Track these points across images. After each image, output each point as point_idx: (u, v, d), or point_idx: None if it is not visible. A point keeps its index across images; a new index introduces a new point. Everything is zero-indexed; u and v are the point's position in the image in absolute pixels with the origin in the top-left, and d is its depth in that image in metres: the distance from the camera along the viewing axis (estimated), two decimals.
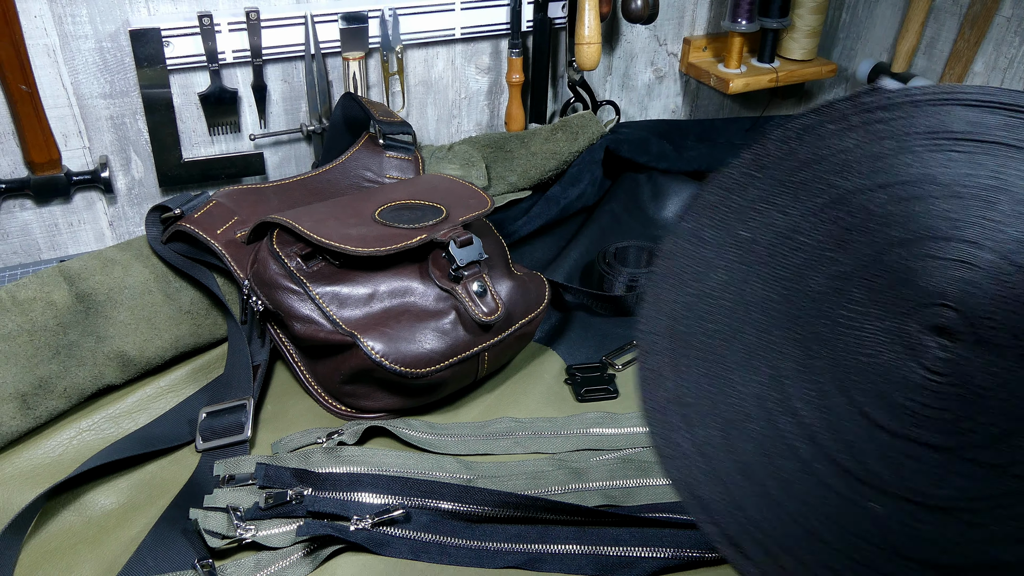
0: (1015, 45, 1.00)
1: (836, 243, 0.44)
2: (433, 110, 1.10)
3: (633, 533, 0.58)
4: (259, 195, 0.83)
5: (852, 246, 0.43)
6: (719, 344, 0.44)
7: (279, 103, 0.99)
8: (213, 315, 0.77)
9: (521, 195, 0.97)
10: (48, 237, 0.95)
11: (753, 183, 0.47)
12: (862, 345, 0.42)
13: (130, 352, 0.72)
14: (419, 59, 1.05)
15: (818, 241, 0.44)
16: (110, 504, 0.62)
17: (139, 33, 0.86)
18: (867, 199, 0.44)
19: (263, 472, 0.62)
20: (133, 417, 0.70)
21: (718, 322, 0.45)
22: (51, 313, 0.69)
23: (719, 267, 0.46)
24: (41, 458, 0.66)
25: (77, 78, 0.88)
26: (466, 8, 1.02)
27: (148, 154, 0.95)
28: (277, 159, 1.03)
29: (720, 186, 0.47)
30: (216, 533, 0.57)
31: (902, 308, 0.41)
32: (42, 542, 0.59)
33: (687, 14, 1.20)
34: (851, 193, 0.44)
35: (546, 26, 1.06)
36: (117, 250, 0.77)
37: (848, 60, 1.27)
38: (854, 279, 0.43)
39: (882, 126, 0.45)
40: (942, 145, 0.43)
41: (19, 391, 0.66)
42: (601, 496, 0.63)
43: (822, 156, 0.46)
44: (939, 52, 1.10)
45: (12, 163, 0.89)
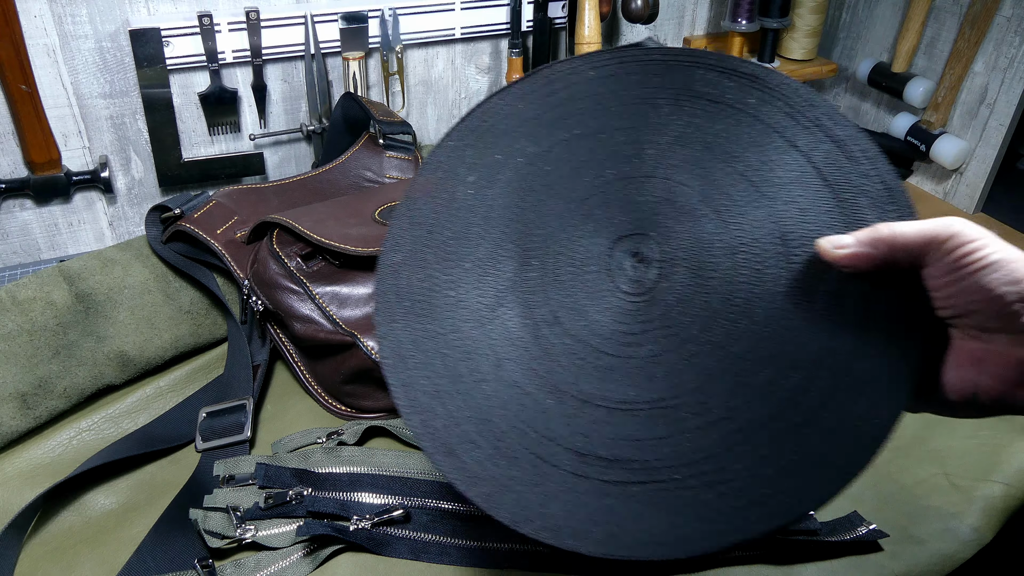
0: (1015, 45, 1.00)
1: (574, 172, 0.49)
2: (433, 110, 1.10)
3: None
4: (259, 195, 0.83)
5: (586, 177, 0.49)
6: (456, 250, 0.49)
7: (279, 103, 0.99)
8: (213, 315, 0.77)
9: None
10: (48, 237, 0.95)
11: (516, 113, 0.51)
12: (572, 262, 0.47)
13: (130, 352, 0.72)
14: (419, 59, 1.05)
15: (560, 168, 0.49)
16: (110, 504, 0.62)
17: (139, 33, 0.86)
18: (608, 137, 0.49)
19: (263, 472, 0.62)
20: (133, 417, 0.70)
21: (458, 232, 0.49)
22: (51, 313, 0.69)
23: (470, 183, 0.50)
24: (41, 458, 0.66)
25: (77, 78, 0.88)
26: (466, 8, 1.02)
27: (148, 154, 0.95)
28: (277, 159, 1.03)
29: (487, 111, 0.52)
30: (216, 533, 0.57)
31: (612, 234, 0.47)
32: (42, 542, 0.59)
33: (687, 14, 1.20)
34: (597, 131, 0.50)
35: (546, 26, 1.06)
36: (117, 250, 0.77)
37: (848, 60, 1.27)
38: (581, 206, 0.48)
39: (635, 78, 0.50)
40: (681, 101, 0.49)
41: (19, 391, 0.66)
42: None
43: (579, 96, 0.51)
44: (939, 52, 1.10)
45: (12, 163, 0.89)
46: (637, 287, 0.46)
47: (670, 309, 0.45)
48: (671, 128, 0.49)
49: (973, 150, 1.08)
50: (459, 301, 0.48)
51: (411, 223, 0.50)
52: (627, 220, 0.47)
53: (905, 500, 0.62)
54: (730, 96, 0.48)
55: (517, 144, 0.51)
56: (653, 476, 0.41)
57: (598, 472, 0.42)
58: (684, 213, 0.46)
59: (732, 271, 0.44)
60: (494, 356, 0.46)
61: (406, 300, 0.48)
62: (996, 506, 0.61)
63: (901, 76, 1.13)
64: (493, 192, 0.50)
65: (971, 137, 1.08)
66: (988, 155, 1.06)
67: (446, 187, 0.50)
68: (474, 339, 0.46)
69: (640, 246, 0.46)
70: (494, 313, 0.47)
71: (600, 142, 0.50)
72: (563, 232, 0.48)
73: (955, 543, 0.59)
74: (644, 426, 0.42)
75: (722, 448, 0.41)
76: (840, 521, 0.60)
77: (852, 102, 1.29)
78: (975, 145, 1.08)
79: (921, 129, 1.12)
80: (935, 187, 1.15)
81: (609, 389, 0.44)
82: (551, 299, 0.47)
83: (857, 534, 0.58)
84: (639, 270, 0.46)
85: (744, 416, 0.41)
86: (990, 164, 1.06)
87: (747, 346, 0.43)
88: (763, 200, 0.45)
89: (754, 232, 0.45)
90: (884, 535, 0.58)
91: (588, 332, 0.46)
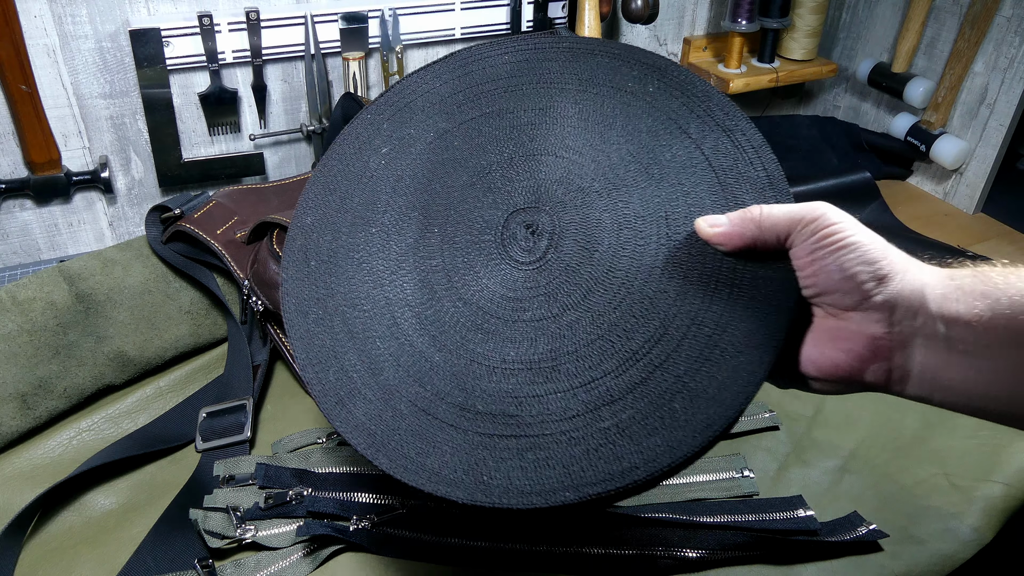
0: (1015, 45, 1.00)
1: (479, 147, 0.52)
2: None
3: (635, 533, 0.58)
4: (259, 195, 0.83)
5: (491, 153, 0.52)
6: (363, 215, 0.52)
7: (279, 103, 0.99)
8: (213, 315, 0.77)
9: None
10: (48, 237, 0.95)
11: (432, 91, 0.55)
12: (469, 231, 0.50)
13: (130, 352, 0.72)
14: (419, 59, 1.05)
15: (467, 144, 0.53)
16: (110, 504, 0.62)
17: (139, 33, 0.86)
18: (515, 117, 0.53)
19: (263, 472, 0.62)
20: (133, 417, 0.70)
21: (367, 199, 0.52)
22: (51, 313, 0.69)
23: (383, 154, 0.53)
24: (41, 458, 0.66)
25: (77, 78, 0.88)
26: (466, 8, 1.02)
27: (148, 154, 0.95)
28: (277, 159, 1.03)
29: (404, 87, 0.55)
30: (216, 533, 0.57)
31: (510, 206, 0.50)
32: (42, 542, 0.59)
33: (687, 14, 1.20)
34: (505, 111, 0.53)
35: (546, 26, 1.06)
36: (117, 250, 0.77)
37: (848, 60, 1.27)
38: (483, 179, 0.51)
39: (546, 64, 0.54)
40: (586, 87, 0.52)
41: (19, 391, 0.66)
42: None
43: (492, 78, 0.54)
44: (939, 52, 1.10)
45: (12, 163, 0.89)
46: (527, 256, 0.48)
47: (556, 278, 0.47)
48: (574, 111, 0.52)
49: (973, 150, 1.08)
50: (362, 263, 0.50)
51: (324, 188, 0.53)
52: (524, 194, 0.50)
53: (905, 500, 0.62)
54: (631, 84, 0.51)
55: (430, 120, 0.54)
56: (524, 431, 0.44)
57: (475, 426, 0.45)
58: (577, 190, 0.49)
59: (617, 246, 0.47)
60: (390, 315, 0.49)
61: (312, 260, 0.51)
62: (996, 506, 0.61)
63: (901, 76, 1.13)
64: (403, 163, 0.53)
65: (971, 137, 1.08)
66: (988, 155, 1.06)
67: (360, 157, 0.53)
68: (373, 299, 0.49)
69: (534, 218, 0.49)
70: (393, 276, 0.50)
71: (507, 121, 0.52)
72: (464, 203, 0.51)
73: (955, 543, 0.59)
74: (521, 385, 0.45)
75: (590, 408, 0.43)
76: (840, 521, 0.60)
77: (852, 102, 1.29)
78: (975, 145, 1.08)
79: (921, 129, 1.12)
80: (935, 187, 1.15)
81: (492, 349, 0.47)
82: (447, 264, 0.50)
83: (857, 534, 0.58)
84: (530, 241, 0.48)
85: (613, 380, 0.44)
86: (990, 164, 1.06)
87: (622, 315, 0.45)
88: (651, 182, 0.48)
89: (640, 211, 0.48)
90: (884, 535, 0.58)
91: (479, 296, 0.48)
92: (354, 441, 0.45)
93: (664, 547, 0.57)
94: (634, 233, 0.47)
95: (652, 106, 0.50)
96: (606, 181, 0.49)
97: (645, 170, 0.49)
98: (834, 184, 1.09)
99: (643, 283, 0.46)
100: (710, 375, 0.43)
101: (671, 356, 0.44)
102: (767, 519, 0.59)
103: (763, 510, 0.60)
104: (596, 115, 0.51)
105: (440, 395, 0.46)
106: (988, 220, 1.08)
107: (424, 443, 0.45)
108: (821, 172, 1.13)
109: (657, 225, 0.47)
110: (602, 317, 0.46)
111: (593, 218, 0.48)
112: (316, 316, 0.49)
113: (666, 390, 0.43)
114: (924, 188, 1.17)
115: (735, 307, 0.43)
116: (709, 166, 0.47)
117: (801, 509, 0.60)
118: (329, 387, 0.47)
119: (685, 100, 0.50)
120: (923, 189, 1.17)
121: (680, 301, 0.45)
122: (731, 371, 0.42)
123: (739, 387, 0.42)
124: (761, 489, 0.63)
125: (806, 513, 0.60)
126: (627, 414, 0.43)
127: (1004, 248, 1.01)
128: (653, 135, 0.50)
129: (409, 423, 0.45)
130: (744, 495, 0.63)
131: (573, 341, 0.46)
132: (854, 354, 0.39)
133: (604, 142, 0.50)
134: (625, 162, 0.50)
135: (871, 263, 0.38)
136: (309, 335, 0.49)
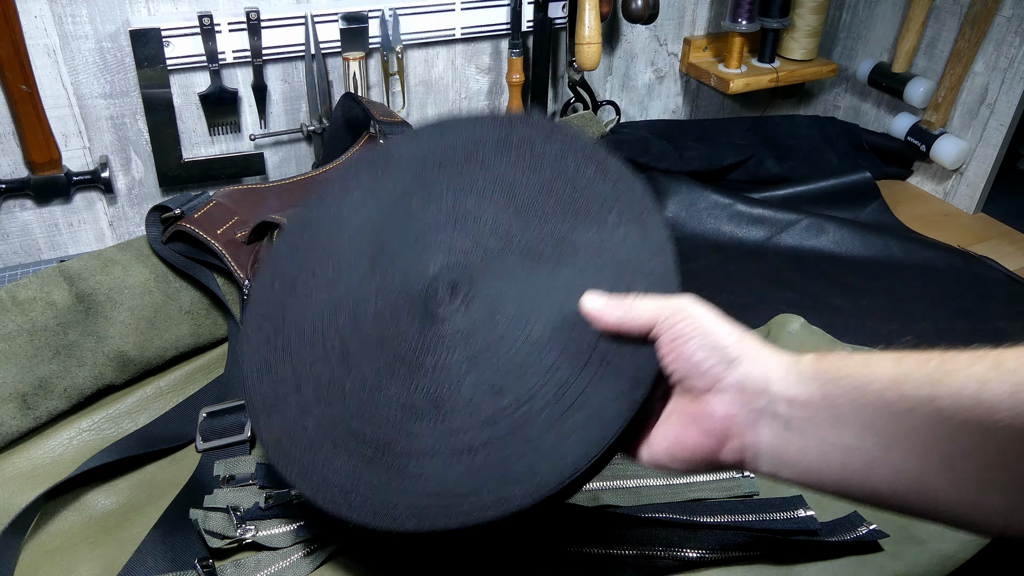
0: (1015, 45, 1.00)
1: (435, 205, 0.57)
2: (433, 110, 1.10)
3: (635, 533, 0.58)
4: (259, 195, 0.83)
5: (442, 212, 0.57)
6: (326, 250, 0.57)
7: (279, 103, 0.99)
8: (213, 315, 0.77)
9: None
10: (48, 237, 0.95)
11: (411, 152, 0.60)
12: (404, 278, 0.55)
13: (130, 352, 0.72)
14: (419, 59, 1.05)
15: (426, 203, 0.57)
16: (110, 504, 0.62)
17: (139, 33, 0.86)
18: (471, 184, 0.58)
19: (263, 472, 0.62)
20: (133, 417, 0.70)
21: (331, 236, 0.58)
22: (51, 313, 0.69)
23: (355, 199, 0.59)
24: (41, 458, 0.66)
25: (77, 78, 0.88)
26: (466, 8, 1.02)
27: (148, 154, 0.95)
28: (277, 159, 1.03)
29: (390, 144, 0.61)
30: (216, 533, 0.57)
31: (443, 262, 0.55)
32: (42, 542, 0.59)
33: (687, 14, 1.20)
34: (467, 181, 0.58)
35: (546, 26, 1.06)
36: (117, 250, 0.77)
37: (848, 60, 1.27)
38: (428, 235, 0.56)
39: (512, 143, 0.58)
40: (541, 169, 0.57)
41: (19, 391, 0.66)
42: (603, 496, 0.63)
43: (462, 146, 0.59)
44: (939, 52, 1.10)
45: (12, 163, 0.89)
46: (443, 309, 0.53)
47: (460, 333, 0.52)
48: (518, 188, 0.57)
49: (973, 150, 1.08)
50: (314, 292, 0.56)
51: (303, 221, 0.59)
52: (457, 254, 0.56)
53: None
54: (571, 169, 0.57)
55: (401, 177, 0.59)
56: (395, 461, 0.49)
57: (364, 449, 0.50)
58: (499, 259, 0.55)
59: (516, 315, 0.52)
60: (323, 342, 0.54)
61: (277, 283, 0.57)
62: None
63: (901, 76, 1.13)
64: (369, 212, 0.58)
65: (971, 137, 1.08)
66: (988, 155, 1.06)
67: (336, 199, 0.59)
68: (314, 325, 0.55)
69: (456, 277, 0.54)
70: (335, 309, 0.55)
71: (464, 186, 0.58)
72: (405, 253, 0.56)
73: (955, 543, 0.59)
74: (404, 421, 0.50)
75: (454, 452, 0.48)
76: (840, 521, 0.60)
77: (852, 102, 1.29)
78: (975, 145, 1.08)
79: (921, 129, 1.12)
80: (935, 187, 1.15)
81: (396, 385, 0.52)
82: (379, 306, 0.55)
83: (857, 534, 0.58)
84: (448, 296, 0.54)
85: (476, 432, 0.49)
86: (990, 164, 1.06)
87: (502, 376, 0.50)
88: (561, 264, 0.53)
89: (544, 288, 0.53)
90: (884, 535, 0.58)
91: (396, 336, 0.53)
92: (267, 448, 0.51)
93: (664, 547, 0.57)
94: (533, 305, 0.52)
95: (582, 192, 0.55)
96: (524, 256, 0.54)
97: (559, 252, 0.54)
98: (834, 184, 1.09)
99: (527, 352, 0.51)
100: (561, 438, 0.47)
101: (530, 419, 0.48)
102: (767, 519, 0.59)
103: (763, 510, 0.60)
104: (533, 194, 0.56)
105: (345, 416, 0.51)
106: (988, 220, 1.08)
107: (323, 456, 0.50)
108: (821, 172, 1.13)
109: (553, 302, 0.52)
110: (484, 376, 0.50)
111: (505, 287, 0.53)
112: (267, 332, 0.55)
113: (516, 450, 0.47)
114: (924, 188, 1.17)
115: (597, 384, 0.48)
116: (614, 256, 0.52)
117: (801, 509, 0.60)
118: (260, 396, 0.53)
119: (613, 187, 0.55)
120: (923, 189, 1.17)
121: (553, 371, 0.50)
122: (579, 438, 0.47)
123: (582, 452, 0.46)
124: (761, 489, 0.63)
125: (806, 513, 0.60)
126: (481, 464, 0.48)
127: (1004, 248, 1.01)
128: (576, 218, 0.55)
129: (311, 438, 0.51)
130: (744, 495, 0.63)
131: (455, 393, 0.50)
132: (712, 433, 0.42)
133: (534, 220, 0.55)
134: (544, 241, 0.54)
135: (721, 348, 0.41)
136: (257, 348, 0.55)
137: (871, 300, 0.89)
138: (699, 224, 1.01)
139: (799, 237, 0.99)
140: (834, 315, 0.85)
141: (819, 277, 0.92)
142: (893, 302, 0.88)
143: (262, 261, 0.57)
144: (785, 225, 1.00)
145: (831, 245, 0.98)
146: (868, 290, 0.90)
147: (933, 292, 0.90)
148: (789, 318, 0.80)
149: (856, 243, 0.97)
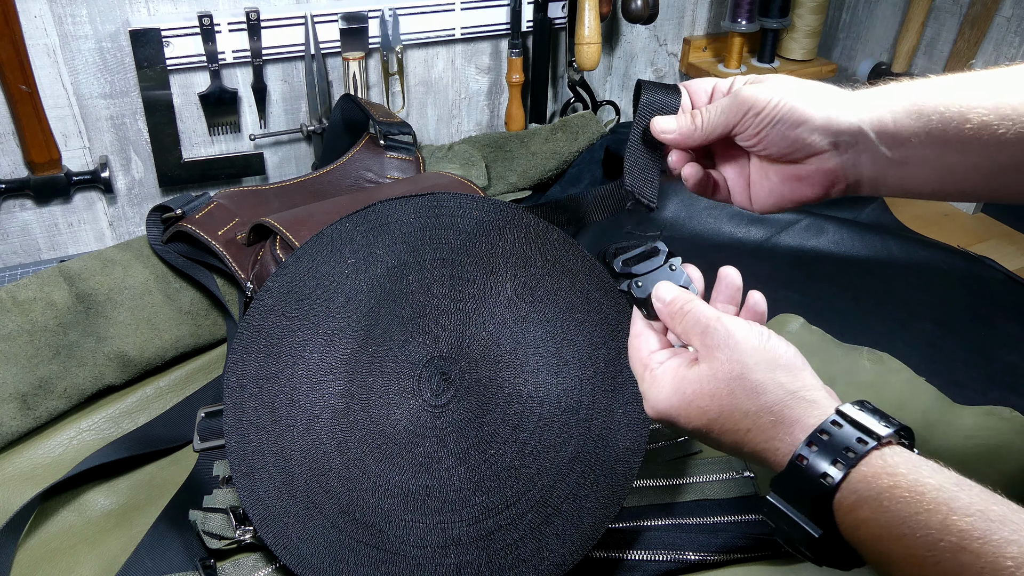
0: (1015, 45, 1.00)
1: (429, 287, 0.59)
2: (433, 110, 1.10)
3: (635, 534, 0.58)
4: (259, 197, 0.83)
5: (436, 295, 0.59)
6: (316, 315, 0.58)
7: (279, 103, 0.99)
8: (213, 316, 0.77)
9: (521, 195, 0.97)
10: (48, 237, 0.95)
11: (406, 221, 0.62)
12: (395, 361, 0.57)
13: (130, 352, 0.72)
14: (419, 59, 1.05)
15: (420, 280, 0.59)
16: (110, 504, 0.62)
17: (139, 33, 0.86)
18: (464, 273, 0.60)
19: None
20: (133, 417, 0.70)
21: (323, 300, 0.58)
22: (51, 313, 0.69)
23: (348, 264, 0.60)
24: (41, 458, 0.66)
25: (77, 78, 0.88)
26: (466, 8, 1.02)
27: (148, 154, 0.95)
28: (277, 159, 1.03)
29: (384, 209, 0.62)
30: (215, 534, 0.57)
31: (434, 350, 0.57)
32: (42, 542, 0.59)
33: (687, 14, 1.20)
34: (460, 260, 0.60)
35: (546, 26, 1.06)
36: (117, 250, 0.77)
37: (848, 60, 1.27)
38: (421, 317, 0.58)
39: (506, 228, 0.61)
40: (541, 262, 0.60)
41: (19, 391, 0.66)
42: None
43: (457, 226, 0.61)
44: (939, 52, 1.10)
45: (12, 163, 0.89)
46: (435, 399, 0.55)
47: (450, 427, 0.54)
48: (511, 284, 0.59)
49: None
50: (304, 358, 0.57)
51: (291, 278, 0.59)
52: (449, 344, 0.57)
53: None
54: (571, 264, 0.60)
55: (396, 247, 0.60)
56: (385, 547, 0.51)
57: (350, 529, 0.52)
58: (492, 356, 0.57)
59: (505, 416, 0.54)
60: (311, 411, 0.55)
61: (264, 340, 0.57)
62: None
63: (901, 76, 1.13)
64: (363, 279, 0.59)
65: None
66: None
67: (329, 260, 0.60)
68: (301, 392, 0.56)
69: (450, 368, 0.56)
70: (324, 377, 0.56)
71: (457, 272, 0.59)
72: (400, 333, 0.57)
73: None
74: (394, 507, 0.52)
75: (441, 544, 0.51)
76: None
77: None
78: None
79: None
80: None
81: (383, 469, 0.54)
82: (370, 385, 0.56)
83: None
84: (441, 386, 0.56)
85: (466, 527, 0.52)
86: None
87: (491, 474, 0.53)
88: (553, 368, 0.56)
89: (532, 391, 0.55)
90: None
91: (386, 421, 0.55)
92: (251, 512, 0.53)
93: (664, 547, 0.57)
94: (522, 408, 0.54)
95: (580, 289, 0.58)
96: (515, 357, 0.56)
97: (552, 356, 0.56)
98: None
99: (514, 454, 0.53)
100: (539, 546, 0.51)
101: (516, 521, 0.52)
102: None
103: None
104: (529, 293, 0.58)
105: (331, 494, 0.53)
106: (988, 220, 1.08)
107: (305, 530, 0.52)
108: None
109: (542, 407, 0.54)
110: (474, 471, 0.53)
111: (495, 386, 0.55)
112: (252, 392, 0.56)
113: (502, 548, 0.51)
114: None
115: (579, 489, 0.53)
116: (607, 355, 0.55)
117: None
118: (245, 459, 0.54)
119: (599, 284, 0.58)
120: None
121: (537, 478, 0.53)
122: (555, 547, 0.52)
123: (562, 557, 0.51)
124: (761, 489, 0.63)
125: None
126: (468, 558, 0.51)
127: (1004, 248, 1.01)
128: (571, 314, 0.57)
129: (298, 510, 0.53)
130: (744, 495, 0.63)
131: (446, 484, 0.53)
132: (819, 187, 0.47)
133: (527, 320, 0.57)
134: (536, 344, 0.57)
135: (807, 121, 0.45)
136: (240, 407, 0.55)
137: (871, 300, 0.88)
138: (699, 224, 1.01)
139: (799, 237, 0.99)
140: (834, 315, 0.85)
141: (819, 277, 0.92)
142: (893, 302, 0.88)
143: (249, 312, 0.58)
144: (785, 225, 1.00)
145: (831, 245, 0.97)
146: (868, 290, 0.90)
147: (933, 292, 0.90)
148: (789, 318, 0.81)
149: (856, 243, 0.97)
